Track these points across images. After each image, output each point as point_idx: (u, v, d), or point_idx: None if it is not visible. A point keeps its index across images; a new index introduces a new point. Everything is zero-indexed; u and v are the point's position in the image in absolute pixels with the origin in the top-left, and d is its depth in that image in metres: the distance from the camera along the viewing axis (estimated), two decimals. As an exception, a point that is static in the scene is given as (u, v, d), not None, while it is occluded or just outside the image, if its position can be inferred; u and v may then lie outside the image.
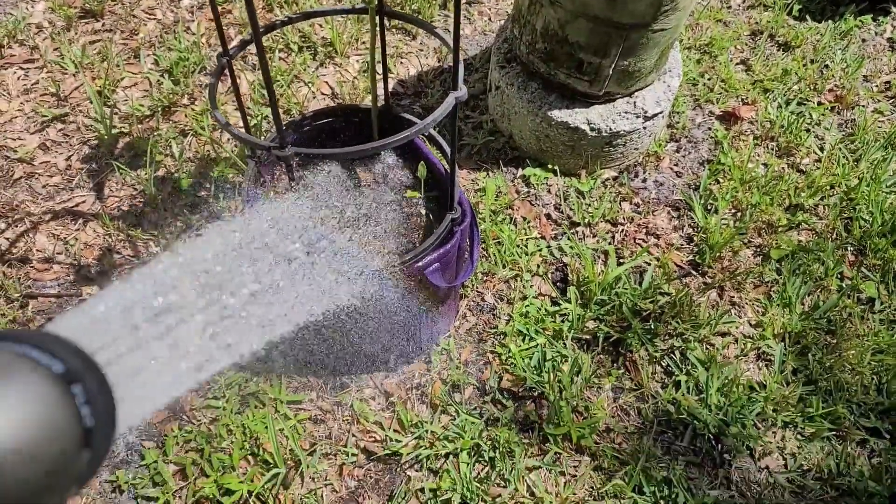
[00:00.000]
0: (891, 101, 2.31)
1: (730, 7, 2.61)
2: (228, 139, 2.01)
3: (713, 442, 1.55)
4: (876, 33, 2.54)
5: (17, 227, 1.82)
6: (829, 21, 2.56)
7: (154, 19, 2.35)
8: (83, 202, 1.87)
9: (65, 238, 1.80)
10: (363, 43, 2.32)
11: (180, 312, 0.54)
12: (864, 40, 2.51)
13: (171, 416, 1.55)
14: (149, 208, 1.86)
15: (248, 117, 2.01)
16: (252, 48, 2.23)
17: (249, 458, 1.49)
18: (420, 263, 1.33)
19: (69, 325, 0.46)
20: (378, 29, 1.35)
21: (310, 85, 2.18)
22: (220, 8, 2.37)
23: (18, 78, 2.13)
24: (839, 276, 1.84)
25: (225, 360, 0.57)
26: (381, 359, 1.60)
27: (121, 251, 1.78)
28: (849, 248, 1.90)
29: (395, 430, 1.55)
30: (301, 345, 1.57)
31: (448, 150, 1.42)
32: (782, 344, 1.71)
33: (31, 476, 0.36)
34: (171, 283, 0.55)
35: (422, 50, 2.34)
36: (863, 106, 2.28)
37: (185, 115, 2.07)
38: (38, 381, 0.37)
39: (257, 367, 1.61)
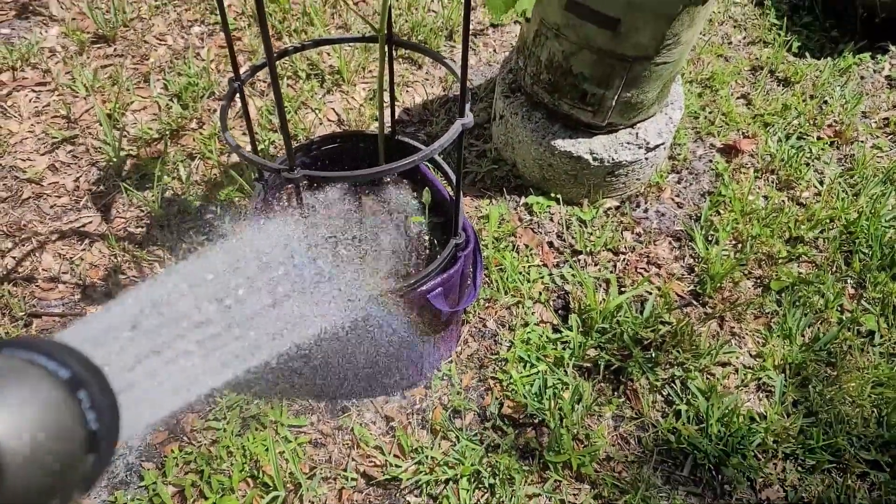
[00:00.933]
0: (889, 138, 2.34)
1: (731, 43, 2.66)
2: (235, 162, 2.03)
3: (713, 472, 1.55)
4: (874, 71, 2.58)
5: (23, 246, 1.83)
6: (828, 58, 2.60)
7: (165, 45, 2.39)
8: (90, 223, 1.89)
9: (70, 258, 1.82)
10: (370, 71, 2.36)
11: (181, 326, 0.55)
12: (862, 77, 2.55)
13: (172, 437, 1.55)
14: (155, 230, 1.87)
15: (257, 142, 2.04)
16: (260, 74, 2.27)
17: (249, 480, 1.49)
18: (424, 288, 1.34)
19: (75, 336, 0.48)
20: (387, 57, 1.38)
21: (317, 111, 2.21)
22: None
23: (30, 100, 2.16)
24: (839, 308, 1.85)
25: (220, 375, 0.59)
26: (383, 383, 1.60)
27: (126, 272, 1.79)
28: (849, 281, 1.92)
29: (395, 455, 1.55)
30: (302, 368, 1.57)
31: (453, 175, 1.44)
32: (783, 375, 1.71)
33: (37, 476, 0.37)
34: (173, 297, 0.57)
35: (427, 79, 2.38)
36: (861, 142, 2.31)
37: (193, 139, 2.10)
38: (46, 385, 0.39)
39: (258, 389, 1.62)
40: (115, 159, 2.00)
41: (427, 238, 1.56)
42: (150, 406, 0.52)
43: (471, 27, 2.56)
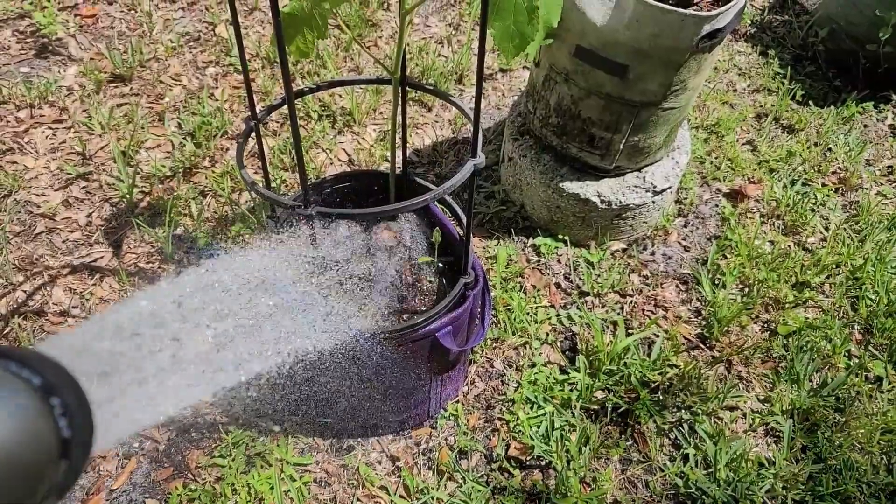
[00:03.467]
0: (893, 185, 2.36)
1: (735, 91, 2.70)
2: (247, 200, 2.06)
3: (722, 518, 1.53)
4: (878, 119, 2.62)
5: (35, 279, 1.85)
6: (832, 107, 2.64)
7: (180, 85, 2.44)
8: (101, 258, 1.91)
9: (81, 292, 1.83)
10: (380, 113, 2.40)
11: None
12: (865, 126, 2.59)
13: (176, 473, 1.54)
14: (165, 265, 1.89)
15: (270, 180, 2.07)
16: (272, 115, 2.31)
17: (253, 518, 1.48)
18: (432, 326, 1.35)
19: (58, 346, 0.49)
20: (400, 99, 1.41)
21: (328, 151, 2.25)
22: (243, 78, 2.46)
23: (47, 137, 2.20)
24: (847, 353, 1.85)
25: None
26: (389, 422, 1.60)
27: (135, 306, 1.80)
28: (856, 327, 1.92)
29: (400, 496, 1.54)
30: (308, 406, 1.57)
31: (463, 216, 1.46)
32: (791, 420, 1.70)
33: (8, 481, 0.37)
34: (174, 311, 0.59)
35: (437, 121, 2.42)
36: (866, 189, 2.33)
37: (206, 177, 2.13)
38: (17, 392, 0.39)
39: (264, 426, 1.61)
40: (127, 196, 2.02)
41: (437, 278, 1.57)
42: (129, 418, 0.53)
43: (480, 72, 2.61)
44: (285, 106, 1.31)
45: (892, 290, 1.98)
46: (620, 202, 1.89)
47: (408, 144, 2.30)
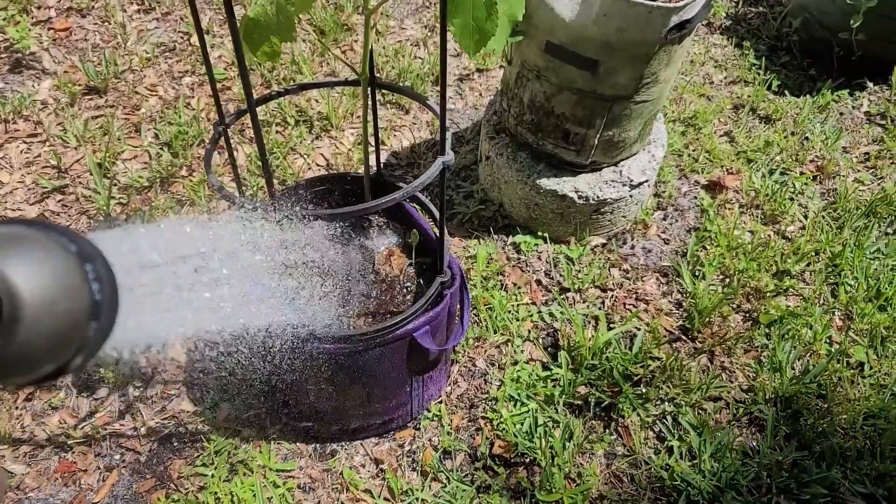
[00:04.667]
0: (870, 172, 2.37)
1: (712, 83, 2.71)
2: (225, 208, 2.05)
3: (708, 508, 1.53)
4: (853, 107, 2.63)
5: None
6: (808, 96, 2.65)
7: (156, 95, 2.43)
8: (79, 270, 1.89)
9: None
10: (357, 116, 2.40)
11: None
12: (841, 114, 2.60)
13: (158, 484, 1.53)
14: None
15: (245, 188, 2.06)
16: (247, 120, 2.31)
17: (237, 527, 1.47)
18: (409, 326, 1.35)
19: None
20: (370, 100, 1.41)
21: (305, 156, 2.24)
22: (219, 84, 2.45)
23: (21, 151, 2.19)
24: (828, 340, 1.85)
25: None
26: (371, 424, 1.59)
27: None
28: (836, 313, 1.92)
29: (385, 499, 1.53)
30: (290, 411, 1.56)
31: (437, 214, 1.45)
32: (774, 408, 1.71)
33: (47, 330, 0.42)
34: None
35: (414, 123, 2.42)
36: (843, 176, 2.34)
37: (183, 186, 2.12)
38: (56, 254, 0.44)
39: (247, 433, 1.60)
40: (105, 208, 2.01)
41: (415, 278, 1.57)
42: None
43: (457, 72, 2.62)
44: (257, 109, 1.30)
45: (870, 275, 1.99)
46: (598, 197, 1.90)
47: (386, 147, 2.30)
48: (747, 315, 1.91)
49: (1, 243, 0.43)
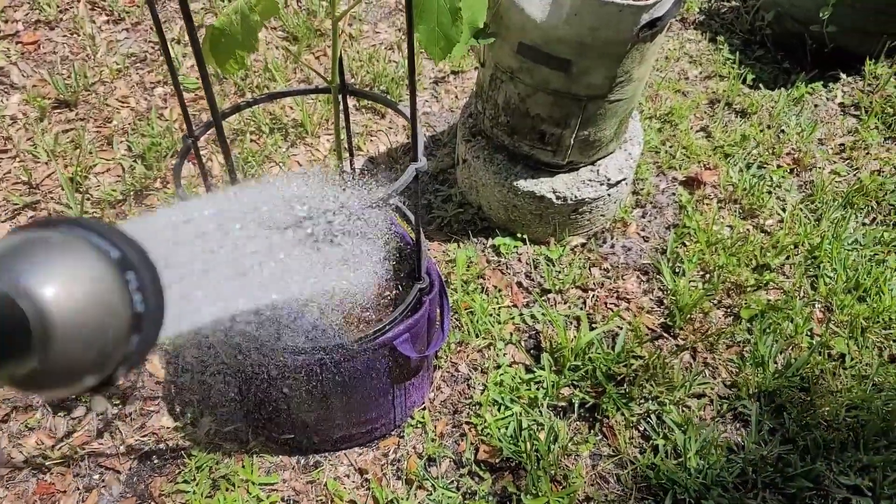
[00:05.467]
0: (846, 163, 2.39)
1: (687, 78, 2.72)
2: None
3: (694, 506, 1.53)
4: (827, 99, 2.65)
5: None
6: (782, 89, 2.66)
7: (127, 107, 2.40)
8: (53, 287, 1.86)
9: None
10: (333, 123, 2.37)
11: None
12: (816, 106, 2.61)
13: (139, 503, 1.50)
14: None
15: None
16: (227, 132, 2.28)
17: (220, 543, 1.45)
18: (390, 334, 1.33)
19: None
20: (342, 107, 1.39)
21: (281, 165, 2.22)
22: (192, 94, 2.43)
23: (-9, 167, 2.15)
24: (809, 333, 1.86)
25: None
26: (355, 434, 1.57)
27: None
28: (816, 306, 1.93)
29: (370, 509, 1.51)
30: (272, 423, 1.54)
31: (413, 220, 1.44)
32: (758, 403, 1.71)
33: (81, 347, 0.40)
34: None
35: (391, 128, 2.40)
36: (819, 167, 2.35)
37: (158, 199, 2.09)
38: (96, 262, 0.41)
39: (228, 447, 1.58)
40: (77, 222, 1.98)
41: (395, 286, 1.55)
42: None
43: (432, 75, 2.60)
44: (225, 119, 1.28)
45: (849, 266, 1.99)
46: (576, 197, 1.89)
47: (362, 152, 2.28)
48: (728, 310, 1.91)
49: (31, 251, 0.40)
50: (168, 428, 1.63)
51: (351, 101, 2.48)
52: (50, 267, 0.39)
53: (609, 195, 1.94)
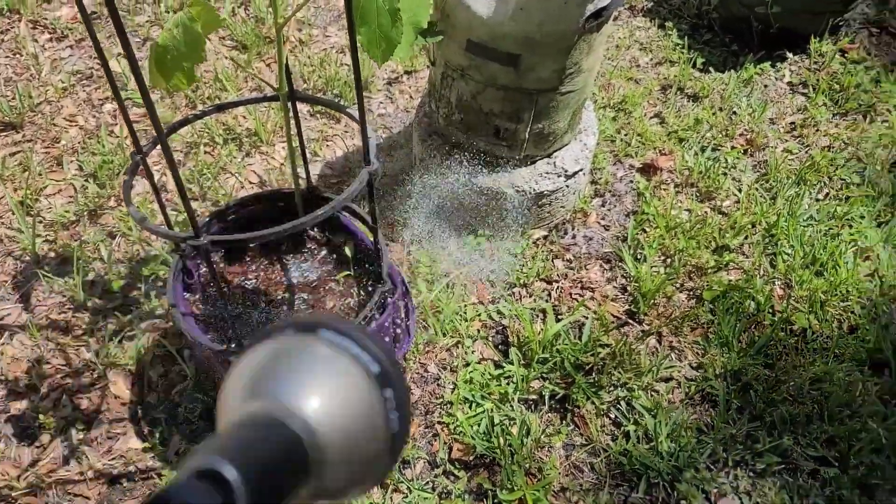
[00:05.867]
0: (797, 140, 2.43)
1: (639, 66, 2.74)
2: (158, 237, 1.99)
3: (668, 489, 1.55)
4: (776, 78, 2.69)
5: (-62, 347, 1.75)
6: (732, 71, 2.70)
7: (76, 126, 2.35)
8: (8, 315, 1.82)
9: (-10, 354, 1.74)
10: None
11: None
12: (765, 86, 2.66)
13: (111, 528, 1.48)
14: (78, 314, 1.81)
15: (176, 212, 2.01)
16: (175, 143, 2.25)
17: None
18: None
19: None
20: (293, 113, 1.38)
21: (237, 175, 2.20)
22: (142, 110, 2.39)
23: (-64, 196, 2.09)
24: (770, 310, 1.89)
25: None
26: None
27: (51, 361, 1.73)
28: (776, 283, 1.96)
29: (347, 516, 1.50)
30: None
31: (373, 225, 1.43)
32: (725, 383, 1.73)
33: (349, 469, 0.39)
34: None
35: (347, 132, 2.39)
36: (772, 147, 2.39)
37: (113, 217, 2.05)
38: (360, 381, 0.40)
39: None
40: (30, 247, 1.94)
41: (356, 289, 1.54)
42: None
43: (385, 76, 2.59)
44: (177, 132, 1.26)
45: (805, 242, 2.03)
46: (535, 190, 1.90)
47: (319, 158, 2.26)
48: (691, 293, 1.93)
49: (297, 368, 0.39)
50: (136, 449, 1.60)
51: (305, 107, 2.46)
52: (319, 386, 0.38)
53: (567, 186, 1.96)
